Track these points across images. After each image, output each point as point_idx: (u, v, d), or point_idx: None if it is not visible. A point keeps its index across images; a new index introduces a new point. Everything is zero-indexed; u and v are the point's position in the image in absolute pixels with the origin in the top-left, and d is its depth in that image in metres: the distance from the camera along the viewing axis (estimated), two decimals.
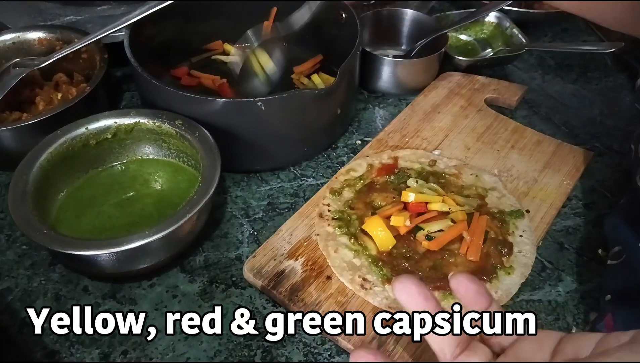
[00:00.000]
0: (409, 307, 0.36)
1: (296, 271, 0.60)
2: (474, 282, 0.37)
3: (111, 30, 0.72)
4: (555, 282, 0.62)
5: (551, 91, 0.89)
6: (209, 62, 0.88)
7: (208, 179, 0.60)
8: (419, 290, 0.36)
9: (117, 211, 0.65)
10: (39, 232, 0.55)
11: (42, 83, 0.78)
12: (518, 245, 0.63)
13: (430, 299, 0.36)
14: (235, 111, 0.67)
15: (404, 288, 0.36)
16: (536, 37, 0.99)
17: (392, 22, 0.91)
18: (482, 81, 0.86)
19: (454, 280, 0.37)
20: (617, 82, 0.91)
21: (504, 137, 0.77)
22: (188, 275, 0.62)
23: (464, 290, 0.37)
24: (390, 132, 0.77)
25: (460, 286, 0.37)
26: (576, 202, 0.71)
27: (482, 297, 0.37)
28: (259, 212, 0.69)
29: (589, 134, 0.81)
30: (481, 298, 0.37)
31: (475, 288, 0.37)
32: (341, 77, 0.69)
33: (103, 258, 0.56)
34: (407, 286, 0.36)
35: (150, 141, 0.69)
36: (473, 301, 0.37)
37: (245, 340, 0.56)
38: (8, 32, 0.81)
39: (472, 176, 0.71)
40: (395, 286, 0.36)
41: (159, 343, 0.56)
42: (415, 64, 0.85)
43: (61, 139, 0.64)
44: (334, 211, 0.66)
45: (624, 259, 0.58)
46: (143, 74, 0.68)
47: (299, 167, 0.74)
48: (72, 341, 0.56)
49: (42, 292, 0.60)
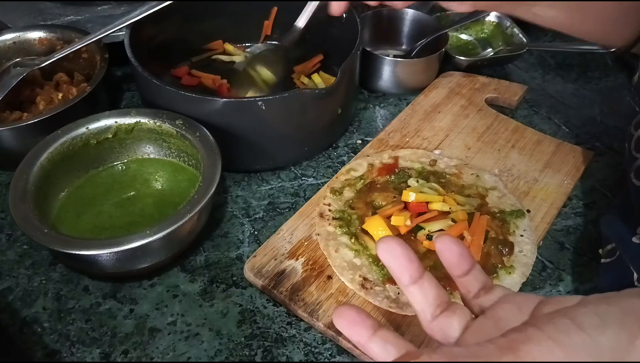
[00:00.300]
0: (392, 267, 0.37)
1: (297, 271, 0.60)
2: (458, 245, 0.38)
3: (112, 30, 0.72)
4: (556, 282, 0.62)
5: (551, 91, 0.89)
6: (209, 61, 0.88)
7: (209, 179, 0.60)
8: (403, 251, 0.36)
9: (118, 210, 0.65)
10: (40, 232, 0.55)
11: (42, 83, 0.78)
12: (519, 244, 0.63)
13: (413, 260, 0.37)
14: (235, 111, 0.67)
15: (388, 249, 0.36)
16: (536, 36, 0.99)
17: (393, 21, 0.91)
18: (482, 80, 0.86)
19: (439, 242, 0.38)
20: (617, 82, 0.91)
21: (505, 137, 0.77)
22: (189, 274, 0.62)
23: (448, 251, 0.38)
24: (390, 132, 0.77)
25: (444, 247, 0.38)
26: (577, 202, 0.71)
27: (465, 260, 0.38)
28: (259, 212, 0.69)
29: (589, 134, 0.81)
30: (464, 261, 0.38)
31: (459, 250, 0.38)
32: (342, 76, 0.69)
33: (104, 258, 0.56)
34: (391, 247, 0.36)
35: (151, 141, 0.69)
36: (456, 263, 0.38)
37: (245, 339, 0.56)
38: (8, 32, 0.81)
39: (472, 175, 0.71)
40: (379, 246, 0.37)
41: (160, 343, 0.56)
42: (415, 63, 0.85)
43: (62, 139, 0.64)
44: (334, 210, 0.66)
45: (617, 256, 0.58)
46: (144, 73, 0.68)
47: (299, 166, 0.74)
48: (72, 340, 0.56)
49: (42, 292, 0.60)
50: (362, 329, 0.36)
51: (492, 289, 0.38)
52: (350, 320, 0.36)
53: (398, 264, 0.37)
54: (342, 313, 0.36)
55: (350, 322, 0.36)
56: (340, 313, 0.36)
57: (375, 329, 0.36)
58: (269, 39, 0.90)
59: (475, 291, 0.38)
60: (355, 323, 0.36)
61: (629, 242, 0.56)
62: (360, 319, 0.36)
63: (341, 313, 0.36)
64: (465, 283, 0.38)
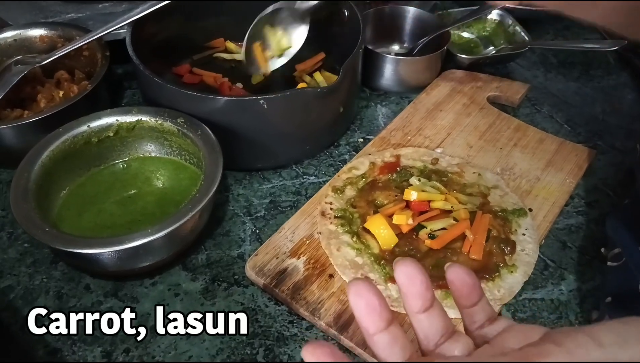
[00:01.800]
0: (407, 292, 0.35)
1: (298, 270, 0.60)
2: (470, 277, 0.37)
3: (113, 27, 0.72)
4: (558, 280, 0.62)
5: (553, 89, 0.88)
6: (210, 59, 0.88)
7: (210, 177, 0.60)
8: (422, 277, 0.35)
9: (119, 209, 0.65)
10: (41, 230, 0.54)
11: (43, 80, 0.78)
12: (521, 243, 0.63)
13: (429, 289, 0.35)
14: (237, 109, 0.66)
15: (407, 273, 0.35)
16: (538, 34, 0.99)
17: (395, 19, 0.91)
18: (484, 78, 0.86)
19: (451, 271, 0.37)
20: (620, 80, 0.91)
21: (507, 135, 0.77)
22: (190, 273, 0.62)
23: (460, 283, 0.37)
24: (392, 130, 0.77)
25: (457, 278, 0.37)
26: (579, 200, 0.70)
27: (475, 293, 0.37)
28: (261, 210, 0.69)
29: (592, 132, 0.80)
30: (474, 293, 0.37)
31: (471, 283, 0.37)
32: (344, 75, 0.68)
33: (105, 256, 0.56)
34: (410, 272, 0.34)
35: (152, 139, 0.69)
36: (465, 295, 0.37)
37: (247, 338, 0.56)
38: (9, 30, 0.81)
39: (474, 174, 0.70)
40: (398, 268, 0.35)
41: (161, 342, 0.56)
42: (417, 62, 0.85)
43: (63, 137, 0.64)
44: (336, 209, 0.66)
45: (623, 262, 0.58)
46: (145, 72, 0.67)
47: (301, 165, 0.74)
48: (74, 339, 0.56)
49: (43, 290, 0.60)
50: (377, 319, 0.33)
51: (496, 320, 0.37)
52: (370, 304, 0.33)
53: (415, 290, 0.35)
54: (362, 293, 0.33)
55: (369, 307, 0.33)
56: (360, 291, 0.33)
57: (388, 323, 0.34)
58: None
59: (480, 322, 0.37)
60: (374, 310, 0.33)
61: (635, 250, 0.56)
62: (379, 307, 0.33)
63: (360, 292, 0.33)
64: (471, 314, 0.37)
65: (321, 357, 0.31)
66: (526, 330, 0.34)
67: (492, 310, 0.38)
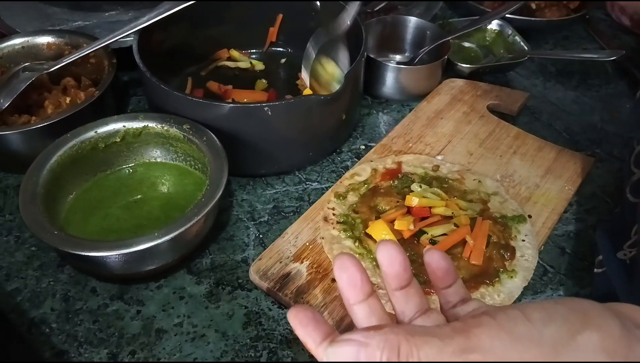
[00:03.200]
0: (387, 271, 0.39)
1: (302, 274, 0.61)
2: (445, 260, 0.40)
3: (120, 35, 0.73)
4: (557, 286, 0.63)
5: (552, 98, 0.90)
6: (215, 69, 0.89)
7: (215, 183, 0.61)
8: (401, 258, 0.38)
9: (125, 213, 0.66)
10: (50, 234, 0.55)
11: (50, 87, 0.79)
12: (520, 249, 0.64)
13: (407, 270, 0.39)
14: (242, 116, 0.68)
15: (388, 253, 0.38)
16: (537, 44, 1.01)
17: (396, 29, 0.92)
18: (484, 87, 0.87)
19: (428, 255, 0.40)
20: (618, 89, 0.92)
21: (506, 143, 0.78)
22: (195, 276, 0.63)
23: (435, 265, 0.40)
24: (394, 137, 0.78)
25: (432, 261, 0.40)
26: (577, 207, 0.71)
27: (449, 276, 0.41)
28: (264, 215, 0.70)
29: (590, 141, 0.82)
30: (448, 276, 0.40)
31: (446, 266, 0.40)
32: (346, 83, 0.70)
33: (112, 260, 0.57)
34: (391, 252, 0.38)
35: (158, 145, 0.70)
36: (440, 278, 0.40)
37: (251, 341, 0.57)
38: (17, 37, 0.82)
39: (474, 181, 0.72)
40: (380, 248, 0.38)
41: (167, 344, 0.57)
42: (418, 70, 0.86)
43: (71, 142, 0.65)
44: (338, 214, 0.67)
45: (605, 269, 0.59)
46: (152, 79, 0.69)
47: (304, 171, 0.75)
48: (80, 341, 0.57)
49: (50, 293, 0.61)
50: (358, 291, 0.38)
51: (468, 302, 0.40)
52: (352, 277, 0.38)
53: (393, 270, 0.38)
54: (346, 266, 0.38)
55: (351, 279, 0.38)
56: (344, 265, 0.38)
57: (367, 296, 0.39)
58: (273, 46, 0.91)
59: (454, 302, 0.41)
60: (355, 283, 0.38)
61: (613, 257, 0.58)
62: (360, 281, 0.38)
63: (345, 266, 0.38)
64: (446, 295, 0.41)
65: (303, 320, 0.36)
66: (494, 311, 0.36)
67: (465, 292, 0.41)
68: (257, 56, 0.91)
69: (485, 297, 0.59)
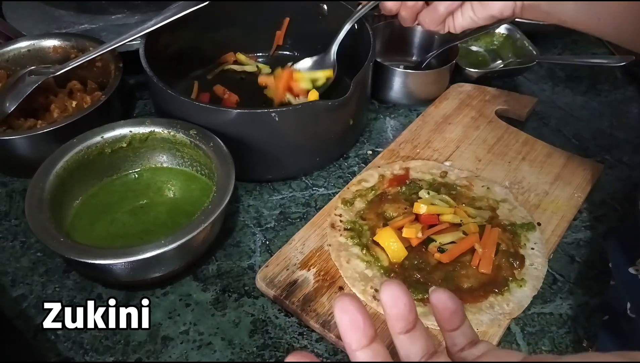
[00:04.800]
0: (390, 313, 0.37)
1: (308, 282, 0.61)
2: (452, 301, 0.38)
3: (127, 39, 0.73)
4: (567, 295, 0.62)
5: (561, 103, 0.89)
6: (221, 72, 0.88)
7: (222, 189, 0.60)
8: (407, 300, 0.36)
9: (131, 218, 0.66)
10: (56, 240, 0.55)
11: (56, 91, 0.79)
12: (529, 257, 0.63)
13: (412, 311, 0.37)
14: (249, 121, 0.67)
15: (392, 294, 0.36)
16: (546, 49, 1.00)
17: (404, 33, 0.91)
18: (492, 92, 0.87)
19: (434, 296, 0.39)
20: (627, 95, 0.91)
21: (515, 149, 0.77)
22: (201, 283, 0.62)
23: (442, 307, 0.38)
24: (401, 142, 0.78)
25: (439, 303, 0.38)
26: (587, 215, 0.71)
27: (457, 317, 0.39)
28: (271, 221, 0.69)
29: (599, 147, 0.81)
30: (455, 318, 0.39)
31: (453, 308, 0.38)
32: (354, 88, 0.69)
33: (118, 267, 0.56)
34: (396, 293, 0.36)
35: (165, 150, 0.69)
36: (447, 320, 0.39)
37: (257, 349, 0.57)
38: (23, 40, 0.82)
39: (483, 187, 0.71)
40: (384, 289, 0.36)
41: (172, 352, 0.56)
42: (426, 75, 0.85)
43: (77, 148, 0.65)
44: (345, 221, 0.66)
45: (616, 282, 0.58)
46: (158, 83, 0.68)
47: (310, 177, 0.75)
48: (86, 348, 0.56)
49: (56, 299, 0.60)
50: (361, 335, 0.35)
51: (477, 344, 0.39)
52: (354, 320, 0.35)
53: (397, 311, 0.36)
54: (347, 308, 0.34)
55: (352, 323, 0.35)
56: (345, 307, 0.35)
57: (370, 340, 0.35)
58: (280, 50, 0.91)
59: (461, 345, 0.39)
60: (357, 326, 0.35)
61: (625, 271, 0.57)
62: (363, 324, 0.35)
63: (346, 308, 0.34)
64: (453, 337, 0.39)
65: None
66: (503, 355, 0.35)
67: (473, 333, 0.39)
68: (264, 60, 0.91)
69: (495, 306, 0.58)
